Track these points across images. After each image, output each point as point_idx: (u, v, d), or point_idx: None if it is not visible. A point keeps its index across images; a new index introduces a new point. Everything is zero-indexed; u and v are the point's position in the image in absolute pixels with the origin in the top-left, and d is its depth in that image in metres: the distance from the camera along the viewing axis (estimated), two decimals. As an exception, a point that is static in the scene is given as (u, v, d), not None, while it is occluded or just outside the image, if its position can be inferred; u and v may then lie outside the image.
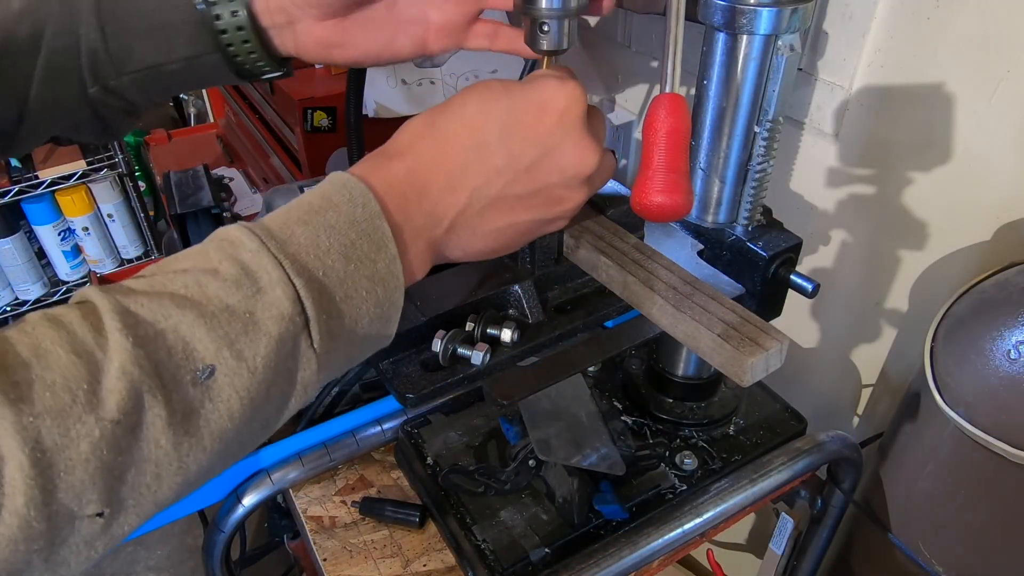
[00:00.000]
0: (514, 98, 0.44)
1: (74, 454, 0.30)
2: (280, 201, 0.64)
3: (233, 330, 0.35)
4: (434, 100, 1.11)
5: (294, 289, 0.36)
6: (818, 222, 0.83)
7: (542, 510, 0.69)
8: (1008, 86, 0.61)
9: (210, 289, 0.35)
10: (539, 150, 0.44)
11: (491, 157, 0.43)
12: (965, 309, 0.63)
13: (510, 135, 0.43)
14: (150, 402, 0.32)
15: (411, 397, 0.61)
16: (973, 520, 0.64)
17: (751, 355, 0.46)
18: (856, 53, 0.71)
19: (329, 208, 0.39)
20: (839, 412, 0.92)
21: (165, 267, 0.37)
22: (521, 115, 0.43)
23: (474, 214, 0.44)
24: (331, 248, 0.38)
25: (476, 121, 0.43)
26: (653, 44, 0.95)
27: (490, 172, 0.43)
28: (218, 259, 0.36)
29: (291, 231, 0.38)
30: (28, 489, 0.29)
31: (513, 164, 0.43)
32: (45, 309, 0.34)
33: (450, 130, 0.43)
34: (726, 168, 0.61)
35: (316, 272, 0.37)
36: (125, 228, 2.12)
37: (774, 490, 0.72)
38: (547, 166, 0.44)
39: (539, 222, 0.47)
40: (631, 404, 0.79)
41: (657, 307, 0.52)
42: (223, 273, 0.36)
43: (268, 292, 0.36)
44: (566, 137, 0.44)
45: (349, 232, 0.39)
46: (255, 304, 0.36)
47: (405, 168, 0.42)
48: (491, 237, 0.46)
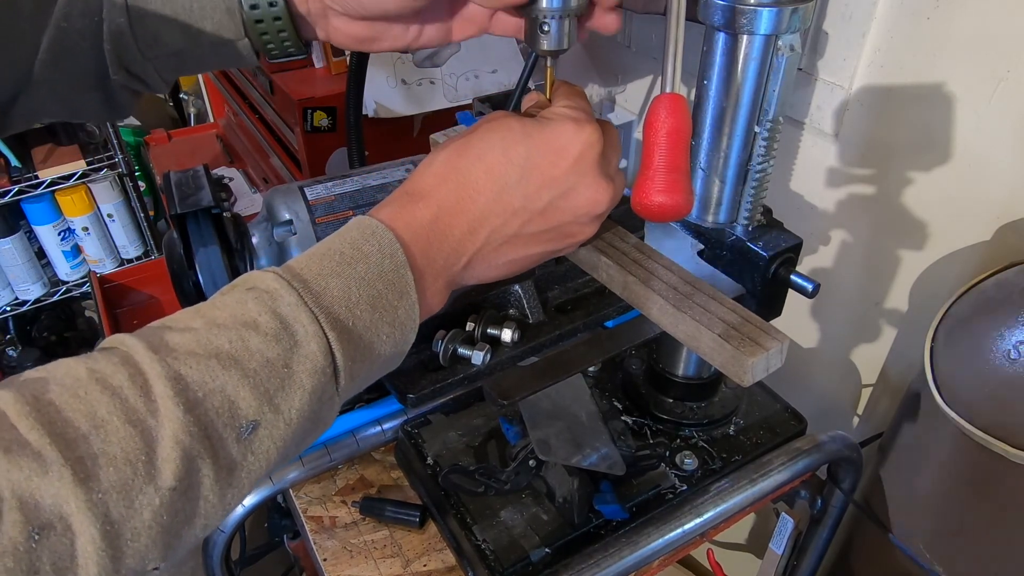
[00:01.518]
0: (533, 142, 0.46)
1: (138, 523, 0.32)
2: (280, 201, 0.64)
3: (272, 385, 0.37)
4: (434, 100, 1.11)
5: (327, 342, 0.38)
6: (818, 222, 0.83)
7: (542, 510, 0.69)
8: (1008, 86, 0.61)
9: (252, 343, 0.36)
10: (554, 193, 0.46)
11: (510, 200, 0.45)
12: (965, 309, 0.63)
13: (528, 179, 0.45)
14: (200, 465, 0.34)
15: (411, 397, 0.61)
16: (973, 520, 0.64)
17: (751, 355, 0.46)
18: (856, 53, 0.71)
19: (360, 259, 0.41)
20: (839, 412, 0.92)
21: (206, 315, 0.38)
22: (539, 160, 0.45)
23: (491, 251, 0.47)
24: (360, 299, 0.40)
25: (497, 167, 0.45)
26: (653, 44, 0.95)
27: (507, 213, 0.46)
28: (257, 311, 0.37)
29: (326, 283, 0.40)
30: (100, 560, 0.31)
31: (529, 206, 0.46)
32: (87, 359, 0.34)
33: (472, 175, 0.45)
34: (726, 168, 0.61)
35: (347, 323, 0.40)
36: (125, 228, 2.12)
37: (774, 490, 0.72)
38: (562, 207, 0.47)
39: (551, 252, 0.50)
40: (631, 404, 0.79)
41: (657, 307, 0.52)
42: (263, 327, 0.37)
43: (304, 345, 0.38)
44: (580, 180, 0.46)
45: (377, 283, 0.41)
46: (292, 357, 0.37)
47: (430, 214, 0.44)
48: (504, 268, 0.49)
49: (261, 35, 0.52)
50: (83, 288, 2.14)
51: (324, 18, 0.53)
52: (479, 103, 1.00)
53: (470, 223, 0.45)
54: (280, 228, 0.63)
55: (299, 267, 0.40)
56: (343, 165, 1.04)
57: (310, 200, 0.64)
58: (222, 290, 0.41)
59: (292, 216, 0.63)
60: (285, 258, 0.64)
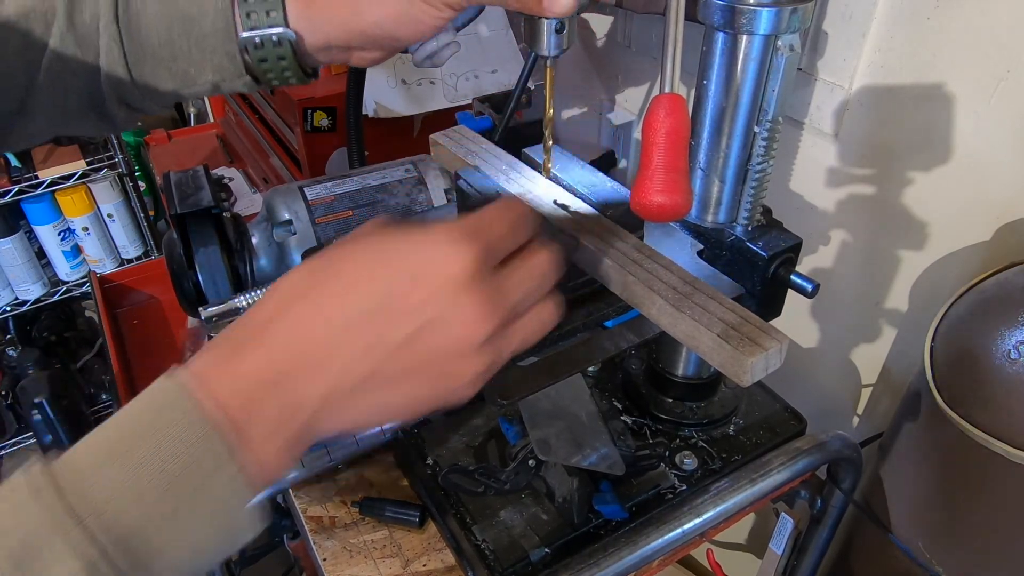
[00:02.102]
0: (391, 262, 0.38)
1: None
2: (280, 201, 0.64)
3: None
4: (434, 100, 1.11)
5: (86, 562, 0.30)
6: (818, 222, 0.83)
7: (542, 510, 0.69)
8: (1008, 86, 0.61)
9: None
10: (412, 325, 0.37)
11: (359, 334, 0.37)
12: (965, 309, 0.63)
13: (385, 309, 0.37)
14: None
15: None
16: (973, 520, 0.64)
17: (751, 355, 0.46)
18: (856, 53, 0.71)
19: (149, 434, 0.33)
20: (839, 412, 0.92)
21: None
22: (396, 286, 0.37)
23: (342, 396, 0.38)
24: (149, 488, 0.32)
25: (351, 293, 0.37)
26: (653, 44, 0.95)
27: (355, 352, 0.37)
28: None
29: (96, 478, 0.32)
30: None
31: (382, 342, 0.37)
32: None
33: (316, 305, 0.37)
34: (726, 168, 0.61)
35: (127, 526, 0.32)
36: (125, 228, 2.12)
37: (774, 490, 0.72)
38: (426, 342, 0.37)
39: (433, 396, 0.40)
40: (631, 404, 0.79)
41: (657, 307, 0.52)
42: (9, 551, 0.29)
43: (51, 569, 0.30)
44: (450, 305, 0.37)
45: (171, 464, 0.33)
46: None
47: (255, 362, 0.36)
48: (374, 413, 0.39)
49: (265, 72, 0.51)
50: (83, 288, 2.14)
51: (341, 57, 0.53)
52: (479, 103, 1.00)
53: (306, 362, 0.36)
54: (280, 228, 0.63)
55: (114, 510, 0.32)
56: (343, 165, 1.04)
57: (310, 200, 0.64)
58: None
59: (292, 216, 0.63)
60: (285, 258, 0.64)
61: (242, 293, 0.49)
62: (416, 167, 0.65)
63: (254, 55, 0.49)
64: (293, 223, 0.63)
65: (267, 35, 0.48)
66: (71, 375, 2.23)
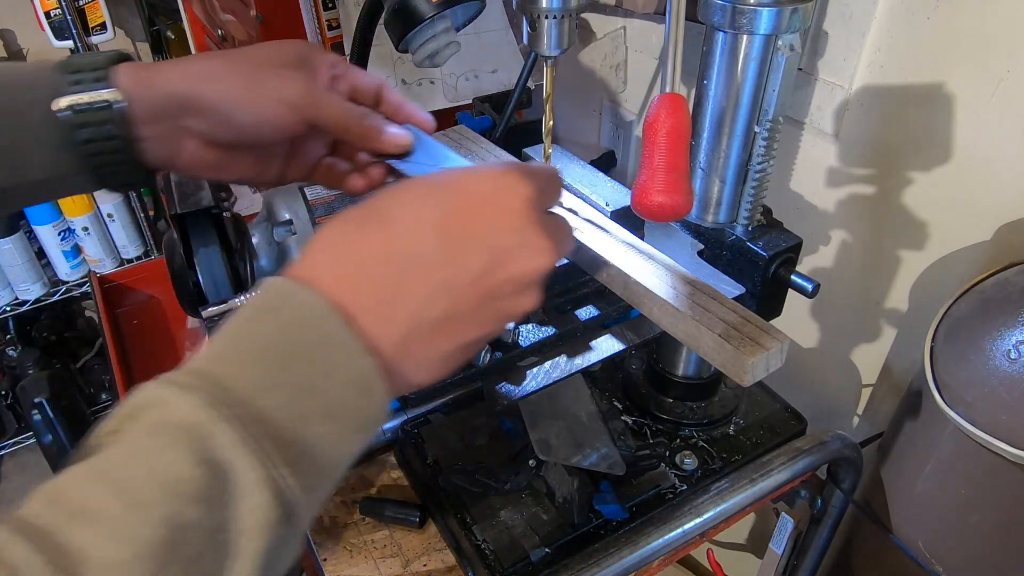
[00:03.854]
0: (450, 195, 0.37)
1: None
2: (280, 201, 0.64)
3: (215, 563, 0.28)
4: (434, 100, 1.11)
5: (277, 485, 0.29)
6: (818, 222, 0.83)
7: (542, 510, 0.69)
8: (1008, 86, 0.61)
9: (187, 518, 0.27)
10: (486, 254, 0.36)
11: (431, 270, 0.35)
12: (965, 309, 0.63)
13: (450, 240, 0.36)
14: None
15: (411, 397, 0.61)
16: (973, 520, 0.64)
17: (752, 355, 0.46)
18: (856, 53, 0.71)
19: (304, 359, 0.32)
20: (839, 412, 0.92)
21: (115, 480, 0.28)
22: (460, 215, 0.36)
23: (417, 342, 0.35)
24: (312, 413, 0.31)
25: (407, 227, 0.36)
26: (653, 44, 0.95)
27: (431, 288, 0.35)
28: (188, 463, 0.28)
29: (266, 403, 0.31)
30: None
31: (458, 276, 0.35)
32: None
33: (375, 243, 0.35)
34: (726, 168, 0.61)
35: (298, 448, 0.31)
36: (125, 228, 2.12)
37: (774, 490, 0.72)
38: (497, 273, 0.36)
39: (486, 335, 0.39)
40: (631, 404, 0.79)
41: (657, 307, 0.52)
42: (198, 489, 0.28)
43: (248, 499, 0.29)
44: (515, 235, 0.37)
45: (329, 387, 0.32)
46: (233, 518, 0.28)
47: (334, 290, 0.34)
48: (438, 366, 0.37)
49: (98, 166, 0.45)
50: (83, 288, 2.14)
51: (175, 141, 0.47)
52: (479, 103, 1.00)
53: (382, 303, 0.34)
54: (280, 228, 0.63)
55: (230, 377, 0.31)
56: (343, 165, 1.04)
57: (310, 200, 0.64)
58: (121, 412, 0.30)
59: (292, 216, 0.63)
60: (285, 258, 0.64)
61: (242, 293, 0.49)
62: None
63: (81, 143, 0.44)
64: (293, 223, 0.63)
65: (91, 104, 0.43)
66: (71, 375, 2.23)
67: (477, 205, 0.36)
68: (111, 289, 1.37)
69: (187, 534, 0.27)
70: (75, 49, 1.77)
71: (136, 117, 0.44)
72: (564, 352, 0.68)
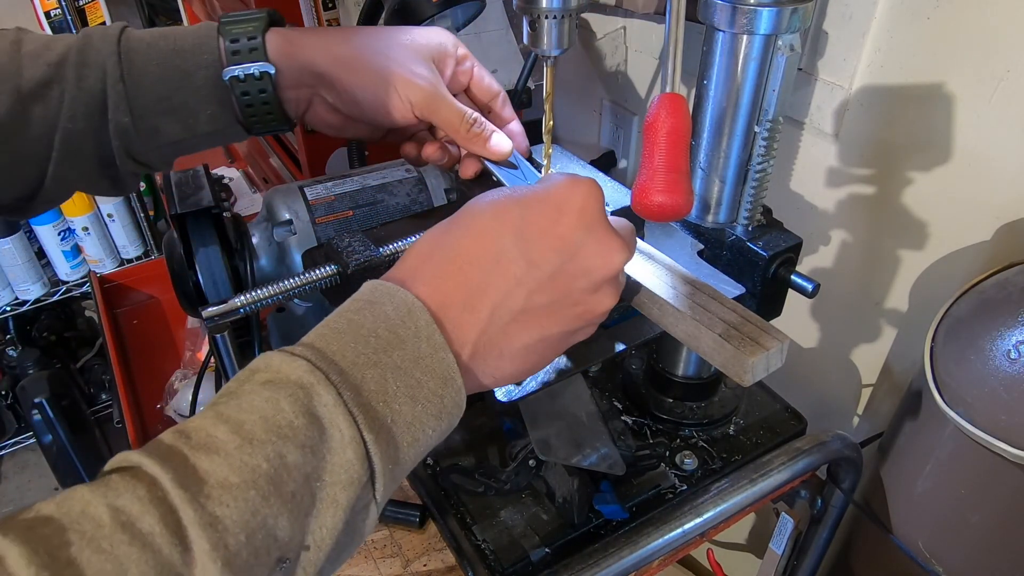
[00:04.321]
0: (527, 202, 0.41)
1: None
2: (280, 201, 0.64)
3: (306, 505, 0.32)
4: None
5: (365, 447, 0.34)
6: (818, 222, 0.83)
7: (542, 510, 0.69)
8: (1008, 86, 0.61)
9: (290, 459, 0.32)
10: (562, 254, 0.40)
11: (510, 266, 0.39)
12: (965, 309, 0.63)
13: (528, 241, 0.40)
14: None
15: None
16: (973, 520, 0.64)
17: (752, 355, 0.46)
18: (856, 53, 0.71)
19: (396, 345, 0.36)
20: (839, 412, 0.92)
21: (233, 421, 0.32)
22: (537, 218, 0.40)
23: (498, 332, 0.40)
24: (398, 392, 0.36)
25: (489, 232, 0.40)
26: (653, 44, 0.95)
27: (510, 283, 0.39)
28: (293, 414, 0.33)
29: (362, 375, 0.35)
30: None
31: (534, 272, 0.40)
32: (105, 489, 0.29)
33: (460, 245, 0.40)
34: (726, 168, 0.61)
35: (385, 421, 0.35)
36: (125, 228, 2.12)
37: (774, 490, 0.72)
38: (572, 269, 0.40)
39: (568, 333, 0.43)
40: (631, 404, 0.79)
41: (657, 307, 0.52)
42: (300, 436, 0.32)
43: (339, 453, 0.33)
44: (588, 235, 0.40)
45: (415, 371, 0.36)
46: (326, 468, 0.33)
47: (425, 289, 0.39)
48: (520, 357, 0.42)
49: (251, 118, 0.56)
50: (83, 288, 2.14)
51: (309, 102, 0.58)
52: (479, 103, 1.00)
53: (467, 297, 0.39)
54: (280, 228, 0.63)
55: (332, 351, 0.35)
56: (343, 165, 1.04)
57: (310, 200, 0.64)
58: (239, 376, 0.35)
59: (292, 216, 0.63)
60: (285, 258, 0.64)
61: (242, 293, 0.49)
62: (416, 167, 0.65)
63: (239, 92, 0.54)
64: (293, 223, 0.63)
65: (249, 71, 0.53)
66: (71, 375, 2.23)
67: (553, 208, 0.40)
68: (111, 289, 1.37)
69: (289, 472, 0.31)
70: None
71: (282, 82, 0.55)
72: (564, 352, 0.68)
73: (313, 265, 0.53)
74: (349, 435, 0.33)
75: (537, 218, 0.40)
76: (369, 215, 0.64)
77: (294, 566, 0.32)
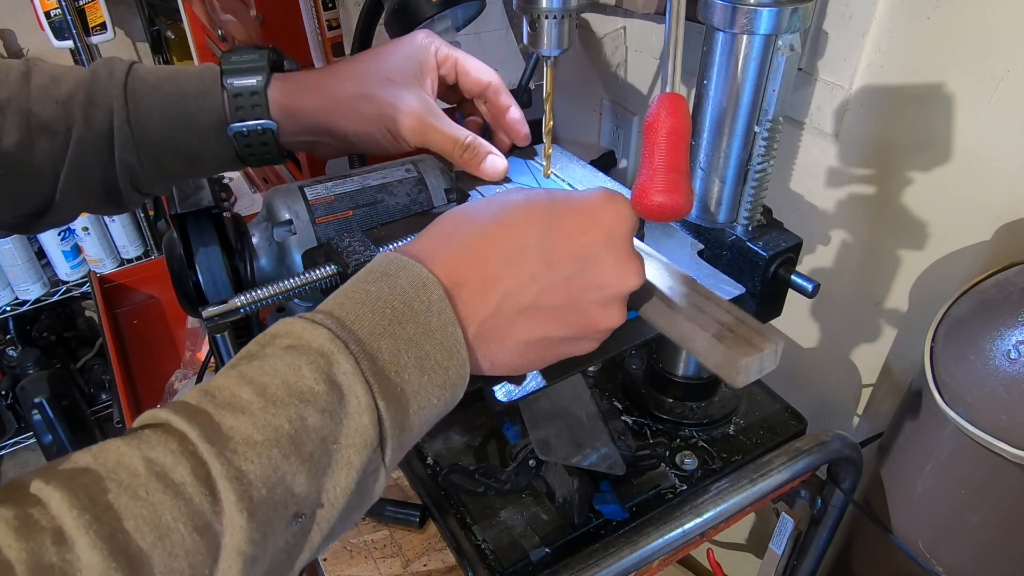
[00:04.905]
0: (559, 205, 0.42)
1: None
2: (280, 201, 0.64)
3: (323, 465, 0.34)
4: (434, 100, 1.11)
5: (378, 414, 0.36)
6: (818, 222, 0.83)
7: (542, 510, 0.69)
8: (1008, 86, 0.61)
9: (310, 421, 0.34)
10: (580, 262, 0.41)
11: (528, 262, 0.40)
12: (965, 309, 0.63)
13: (551, 242, 0.41)
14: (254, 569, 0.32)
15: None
16: (973, 520, 0.64)
17: (745, 356, 0.46)
18: (856, 53, 0.71)
19: (410, 317, 0.38)
20: (839, 412, 0.92)
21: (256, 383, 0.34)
22: (565, 222, 0.41)
23: (504, 320, 0.41)
24: (409, 362, 0.37)
25: (516, 225, 0.41)
26: (653, 44, 0.95)
27: (524, 277, 0.40)
28: (314, 379, 0.34)
29: (378, 345, 0.37)
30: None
31: (550, 272, 0.41)
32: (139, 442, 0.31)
33: (487, 229, 0.41)
34: (726, 168, 0.61)
35: (396, 390, 0.37)
36: (125, 228, 2.12)
37: (774, 490, 0.72)
38: (586, 279, 0.41)
39: (569, 340, 0.44)
40: (631, 404, 0.79)
41: (652, 307, 0.52)
42: (320, 400, 0.34)
43: (355, 418, 0.35)
44: (610, 252, 0.42)
45: (425, 343, 0.38)
46: (342, 432, 0.35)
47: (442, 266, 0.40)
48: (519, 350, 0.43)
49: (251, 158, 0.61)
50: (83, 288, 2.14)
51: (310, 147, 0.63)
52: (479, 103, 1.00)
53: (481, 280, 0.40)
54: (280, 228, 0.63)
55: (350, 320, 0.37)
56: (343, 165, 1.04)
57: (310, 200, 0.64)
58: (260, 340, 0.37)
59: (292, 216, 0.63)
60: (285, 258, 0.64)
61: (242, 293, 0.49)
62: (416, 167, 0.65)
63: (241, 143, 0.58)
64: (293, 223, 0.63)
65: (253, 127, 0.58)
66: (71, 375, 2.23)
67: (584, 217, 0.41)
68: (111, 289, 1.37)
69: (309, 434, 0.33)
70: (75, 49, 1.77)
71: (283, 135, 0.59)
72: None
73: (313, 265, 0.53)
74: (365, 402, 0.35)
75: (566, 223, 0.41)
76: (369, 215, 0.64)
77: (310, 522, 0.34)
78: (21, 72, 0.55)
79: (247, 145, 0.59)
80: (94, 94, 0.56)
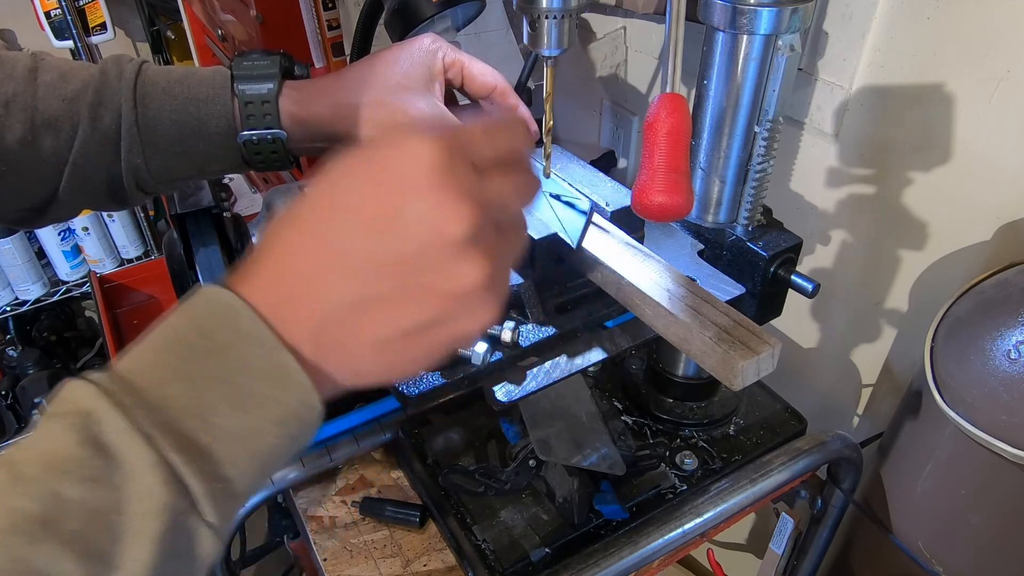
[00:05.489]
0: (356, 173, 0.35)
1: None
2: (280, 201, 0.64)
3: (105, 541, 0.29)
4: (434, 100, 1.11)
5: (171, 470, 0.30)
6: (818, 222, 0.83)
7: (542, 510, 0.69)
8: (1008, 86, 0.61)
9: (68, 494, 0.29)
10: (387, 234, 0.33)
11: (335, 257, 0.34)
12: (965, 309, 0.63)
13: (350, 224, 0.33)
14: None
15: (411, 397, 0.61)
16: (973, 520, 0.64)
17: (742, 358, 0.46)
18: (856, 53, 0.71)
19: (212, 353, 0.33)
20: (839, 412, 0.92)
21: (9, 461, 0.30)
22: (354, 196, 0.34)
23: (338, 327, 0.34)
24: (218, 404, 0.32)
25: (312, 219, 0.35)
26: (653, 44, 0.95)
27: (335, 274, 0.34)
28: (71, 444, 0.29)
29: (164, 393, 0.31)
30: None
31: (362, 259, 0.33)
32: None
33: (286, 235, 0.35)
34: (726, 168, 0.61)
35: (199, 438, 0.31)
36: (125, 228, 2.12)
37: (774, 490, 0.72)
38: (403, 249, 0.33)
39: (436, 323, 0.35)
40: (631, 404, 0.79)
41: (650, 309, 0.52)
42: (82, 468, 0.29)
43: (137, 480, 0.30)
44: (414, 206, 0.33)
45: (237, 378, 0.32)
46: (123, 499, 0.30)
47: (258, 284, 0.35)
48: (378, 352, 0.35)
49: (259, 164, 0.59)
50: (83, 288, 2.14)
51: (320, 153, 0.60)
52: (479, 103, 1.00)
53: (297, 293, 0.34)
54: (280, 228, 0.63)
55: (128, 370, 0.32)
56: (343, 165, 1.04)
57: (310, 200, 0.64)
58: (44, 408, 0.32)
59: (292, 216, 0.63)
60: (285, 258, 0.64)
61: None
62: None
63: (250, 150, 0.58)
64: (293, 223, 0.63)
65: (263, 135, 0.57)
66: (71, 375, 2.22)
67: (380, 181, 0.34)
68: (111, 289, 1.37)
69: (68, 509, 0.29)
70: (75, 49, 1.76)
71: (293, 142, 0.58)
72: (564, 352, 0.68)
73: (313, 265, 0.53)
74: (148, 459, 0.30)
75: (365, 196, 0.34)
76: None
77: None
78: (28, 67, 0.54)
79: (256, 152, 0.58)
80: (103, 94, 0.55)
